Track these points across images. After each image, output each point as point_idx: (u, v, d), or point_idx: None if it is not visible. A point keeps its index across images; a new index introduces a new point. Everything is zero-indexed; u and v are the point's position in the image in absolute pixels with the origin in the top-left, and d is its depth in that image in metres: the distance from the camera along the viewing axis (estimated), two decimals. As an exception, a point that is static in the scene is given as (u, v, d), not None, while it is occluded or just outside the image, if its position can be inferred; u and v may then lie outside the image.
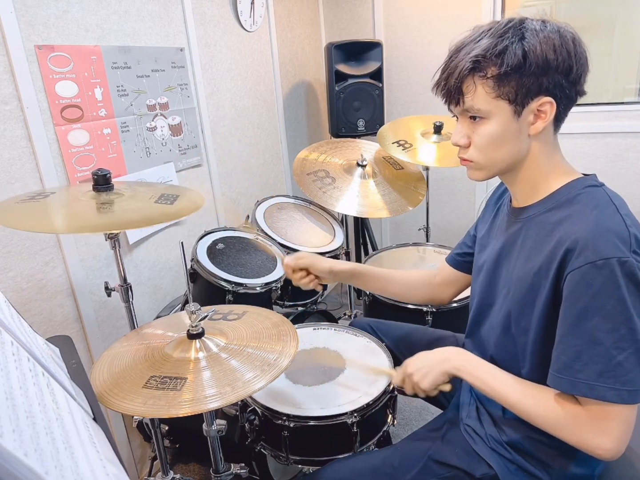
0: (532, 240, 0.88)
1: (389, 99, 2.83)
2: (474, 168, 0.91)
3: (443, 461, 0.98)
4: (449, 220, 2.91)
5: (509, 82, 0.80)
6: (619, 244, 0.75)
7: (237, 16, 2.14)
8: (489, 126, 0.84)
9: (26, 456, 0.36)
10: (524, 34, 0.79)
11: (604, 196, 0.83)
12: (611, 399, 0.75)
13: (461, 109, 0.86)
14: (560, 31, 0.80)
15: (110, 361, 0.97)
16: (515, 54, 0.78)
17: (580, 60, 0.81)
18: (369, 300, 1.72)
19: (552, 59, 0.78)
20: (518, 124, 0.83)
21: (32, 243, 1.36)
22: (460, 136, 0.89)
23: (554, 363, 0.82)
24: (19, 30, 1.27)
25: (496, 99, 0.82)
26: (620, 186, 2.39)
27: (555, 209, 0.86)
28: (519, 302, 0.89)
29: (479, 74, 0.81)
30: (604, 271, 0.74)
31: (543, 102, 0.81)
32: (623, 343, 0.74)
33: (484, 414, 1.01)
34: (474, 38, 0.83)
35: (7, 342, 0.50)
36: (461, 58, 0.82)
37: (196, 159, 1.95)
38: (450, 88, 0.85)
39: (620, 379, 0.74)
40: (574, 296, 0.78)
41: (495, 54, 0.79)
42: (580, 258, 0.76)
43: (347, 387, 1.21)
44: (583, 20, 2.39)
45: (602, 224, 0.77)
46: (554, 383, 0.81)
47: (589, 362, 0.76)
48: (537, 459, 0.93)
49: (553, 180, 0.88)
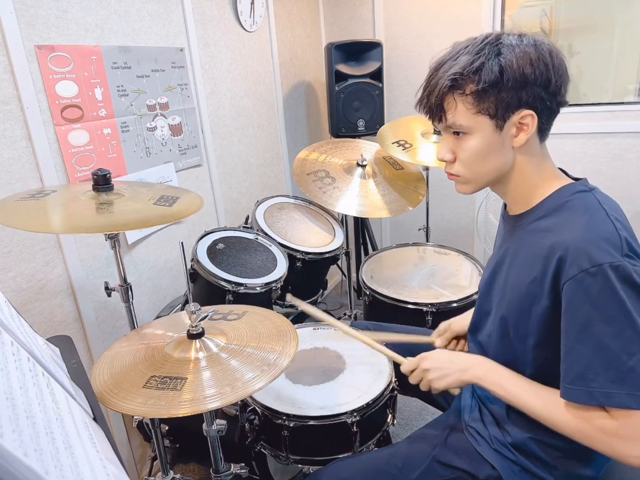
0: (525, 248, 0.89)
1: (389, 99, 2.83)
2: (461, 182, 0.93)
3: (447, 463, 0.98)
4: (449, 220, 2.91)
5: (488, 98, 0.81)
6: (610, 249, 0.75)
7: (237, 16, 2.14)
8: (472, 141, 0.86)
9: (26, 456, 0.36)
10: (500, 50, 0.80)
11: (593, 201, 0.83)
12: (630, 405, 0.74)
13: (444, 125, 0.88)
14: (537, 44, 0.81)
15: (110, 361, 0.97)
16: (492, 71, 0.79)
17: (559, 72, 0.82)
18: (369, 300, 1.72)
19: (529, 73, 0.79)
20: (501, 137, 0.84)
21: (32, 243, 1.36)
22: (445, 152, 0.91)
23: (565, 376, 0.81)
24: (19, 30, 1.27)
25: (477, 114, 0.83)
26: (620, 186, 2.39)
27: (545, 217, 0.87)
28: (515, 310, 0.90)
29: (458, 92, 0.83)
30: (599, 277, 0.74)
31: (524, 115, 0.82)
32: (632, 347, 0.74)
33: (487, 415, 1.01)
34: (452, 56, 0.84)
35: (7, 342, 0.50)
36: (440, 76, 0.84)
37: (196, 159, 1.95)
38: (432, 106, 0.87)
39: (635, 384, 0.74)
40: (573, 306, 0.78)
41: (472, 71, 0.80)
42: (573, 267, 0.77)
43: (347, 386, 1.21)
44: (583, 20, 2.39)
45: (592, 230, 0.78)
46: (569, 396, 0.80)
47: (601, 370, 0.76)
48: (541, 460, 0.92)
49: (543, 188, 0.89)
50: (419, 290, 1.72)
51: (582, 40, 2.42)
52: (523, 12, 2.50)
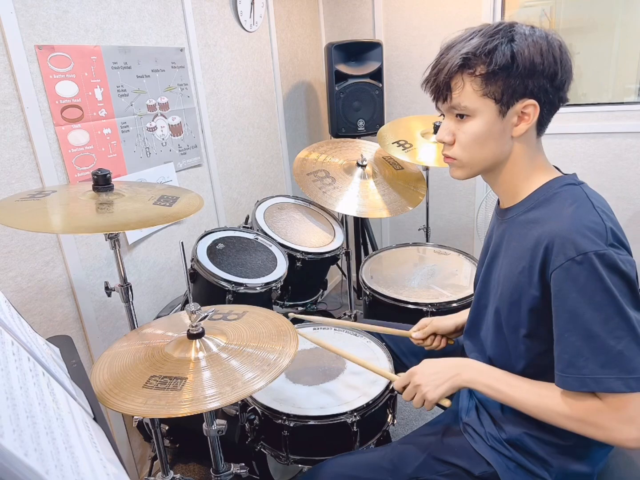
0: (515, 240, 0.90)
1: (389, 99, 2.83)
2: (456, 166, 0.93)
3: (442, 458, 0.98)
4: (449, 220, 2.91)
5: (496, 82, 0.82)
6: (595, 238, 0.77)
7: (237, 16, 2.14)
8: (474, 124, 0.87)
9: (26, 456, 0.36)
10: (513, 37, 0.82)
11: (581, 194, 0.85)
12: (620, 389, 0.75)
13: (448, 105, 0.89)
14: (548, 38, 0.83)
15: (110, 361, 0.97)
16: (504, 54, 0.81)
17: (565, 67, 0.83)
18: (369, 300, 1.72)
19: (538, 63, 0.81)
20: (502, 124, 0.85)
21: (32, 243, 1.36)
22: (445, 133, 0.91)
23: (557, 363, 0.82)
24: (19, 30, 1.27)
25: (483, 97, 0.84)
26: (620, 186, 2.39)
27: (534, 209, 0.89)
28: (507, 302, 0.91)
29: (468, 71, 0.83)
30: (585, 265, 0.76)
31: (527, 105, 0.83)
32: (619, 332, 0.75)
33: (483, 413, 1.02)
34: (465, 37, 0.86)
35: (8, 342, 0.50)
36: (451, 55, 0.85)
37: (196, 159, 1.95)
38: (439, 84, 0.87)
39: (624, 367, 0.75)
40: (561, 294, 0.79)
41: (484, 52, 0.82)
42: (560, 256, 0.78)
43: (347, 386, 1.21)
44: (583, 20, 2.39)
45: (577, 220, 0.79)
46: (561, 383, 0.81)
47: (590, 357, 0.77)
48: (536, 456, 0.93)
49: (533, 180, 0.90)
50: (419, 290, 1.72)
51: (582, 40, 2.42)
52: (523, 12, 2.50)
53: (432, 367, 0.98)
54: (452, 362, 0.99)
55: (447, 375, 0.95)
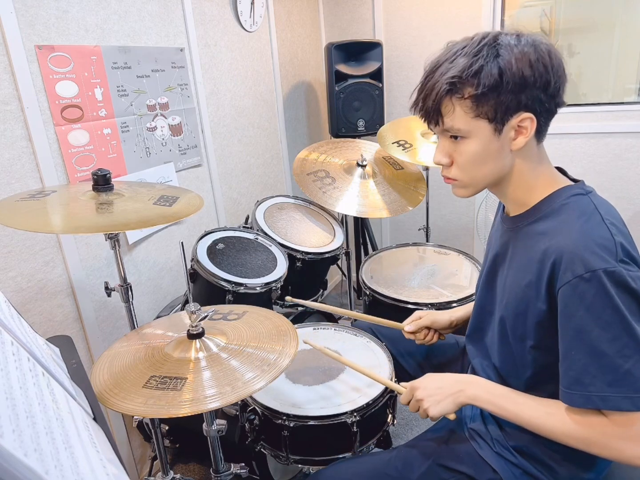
0: (521, 250, 0.89)
1: (389, 99, 2.83)
2: (459, 186, 0.91)
3: (448, 465, 0.97)
4: (449, 220, 2.91)
5: (487, 102, 0.79)
6: (605, 255, 0.75)
7: (237, 16, 2.14)
8: (470, 145, 0.84)
9: (26, 456, 0.36)
10: (498, 51, 0.78)
11: (589, 205, 0.82)
12: (627, 408, 0.74)
13: (441, 128, 0.86)
14: (536, 45, 0.79)
15: (110, 361, 0.97)
16: (492, 74, 0.77)
17: (558, 73, 0.80)
18: (369, 300, 1.72)
19: (529, 75, 0.77)
20: (499, 141, 0.83)
21: (32, 243, 1.36)
22: (441, 155, 0.89)
23: (562, 379, 0.81)
24: (19, 30, 1.27)
25: (475, 118, 0.81)
26: (620, 186, 2.39)
27: (541, 220, 0.86)
28: (513, 312, 0.89)
29: (456, 95, 0.80)
30: (593, 283, 0.74)
31: (523, 118, 0.80)
32: (627, 351, 0.74)
33: (488, 418, 1.00)
34: (449, 57, 0.82)
35: (7, 342, 0.50)
36: (437, 79, 0.82)
37: (196, 159, 1.95)
38: (428, 109, 0.85)
39: (632, 386, 0.74)
40: (569, 311, 0.78)
41: (471, 74, 0.78)
42: (568, 272, 0.76)
43: (347, 386, 1.21)
44: (583, 20, 2.39)
45: (586, 235, 0.77)
46: (567, 399, 0.80)
47: (598, 374, 0.76)
48: (543, 463, 0.92)
49: (540, 190, 0.88)
50: (419, 290, 1.72)
51: (582, 40, 2.42)
52: (523, 12, 2.50)
53: (436, 382, 0.97)
54: (456, 378, 0.97)
55: (450, 391, 0.93)
